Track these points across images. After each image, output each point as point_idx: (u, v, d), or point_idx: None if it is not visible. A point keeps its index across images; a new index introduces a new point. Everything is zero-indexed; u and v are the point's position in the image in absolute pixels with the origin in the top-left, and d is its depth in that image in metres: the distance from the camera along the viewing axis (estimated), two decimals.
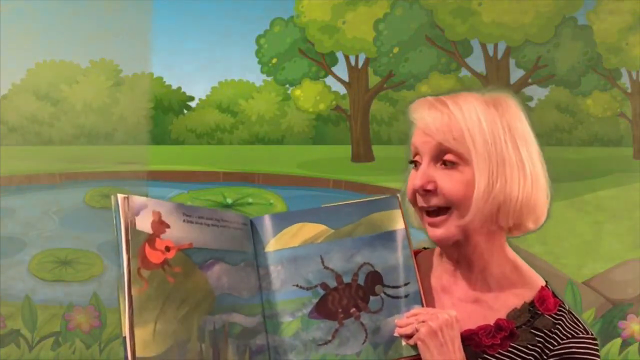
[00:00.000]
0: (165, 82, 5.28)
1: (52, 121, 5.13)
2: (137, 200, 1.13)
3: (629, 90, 5.09)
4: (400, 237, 1.26)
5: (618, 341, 4.47)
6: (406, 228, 1.27)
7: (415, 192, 1.23)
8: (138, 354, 1.07)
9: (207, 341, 1.14)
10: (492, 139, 1.16)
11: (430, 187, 1.20)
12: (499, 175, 1.16)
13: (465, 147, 1.17)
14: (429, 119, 1.19)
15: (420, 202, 1.23)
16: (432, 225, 1.22)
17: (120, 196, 1.12)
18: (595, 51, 4.90)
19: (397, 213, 1.27)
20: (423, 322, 1.18)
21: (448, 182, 1.19)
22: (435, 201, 1.21)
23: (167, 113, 5.43)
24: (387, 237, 1.26)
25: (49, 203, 5.62)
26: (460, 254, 1.25)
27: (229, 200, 5.67)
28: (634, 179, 4.92)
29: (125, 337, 1.08)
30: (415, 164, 1.24)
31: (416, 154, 1.23)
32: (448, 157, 1.18)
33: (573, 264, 5.10)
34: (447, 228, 1.21)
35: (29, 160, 5.34)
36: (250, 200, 6.06)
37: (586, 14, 4.92)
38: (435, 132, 1.18)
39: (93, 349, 4.50)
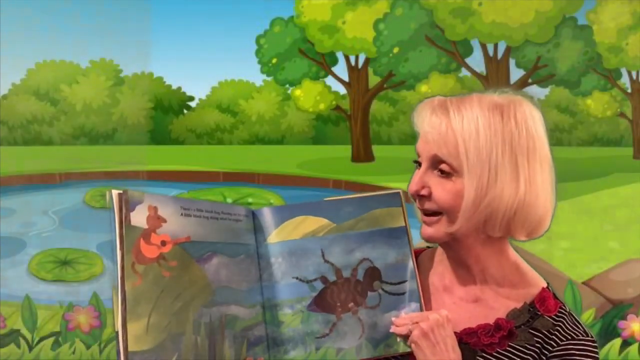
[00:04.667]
0: (165, 82, 5.29)
1: (52, 121, 5.13)
2: (133, 195, 1.14)
3: (629, 90, 5.10)
4: (400, 235, 1.29)
5: (618, 341, 4.47)
6: (407, 226, 1.30)
7: (412, 195, 1.27)
8: (130, 348, 1.08)
9: (202, 333, 1.15)
10: (488, 152, 1.17)
11: (424, 192, 1.24)
12: (489, 189, 1.18)
13: (458, 161, 1.19)
14: (428, 127, 1.22)
15: (417, 204, 1.27)
16: (425, 223, 1.26)
17: (115, 192, 1.14)
18: (595, 51, 4.90)
19: (399, 210, 1.30)
20: (416, 323, 1.21)
21: (440, 190, 1.22)
22: (428, 205, 1.24)
23: (167, 113, 5.44)
24: (388, 234, 1.28)
25: (49, 203, 5.63)
26: (457, 255, 1.28)
27: (229, 200, 5.66)
28: (634, 179, 4.91)
29: (117, 332, 1.10)
30: (419, 164, 1.27)
31: (419, 155, 1.27)
32: (443, 166, 1.21)
33: (573, 264, 5.09)
34: (437, 230, 1.24)
35: (29, 160, 5.35)
36: (250, 200, 6.06)
37: (586, 14, 4.92)
38: (432, 142, 1.21)
39: (93, 349, 4.50)
